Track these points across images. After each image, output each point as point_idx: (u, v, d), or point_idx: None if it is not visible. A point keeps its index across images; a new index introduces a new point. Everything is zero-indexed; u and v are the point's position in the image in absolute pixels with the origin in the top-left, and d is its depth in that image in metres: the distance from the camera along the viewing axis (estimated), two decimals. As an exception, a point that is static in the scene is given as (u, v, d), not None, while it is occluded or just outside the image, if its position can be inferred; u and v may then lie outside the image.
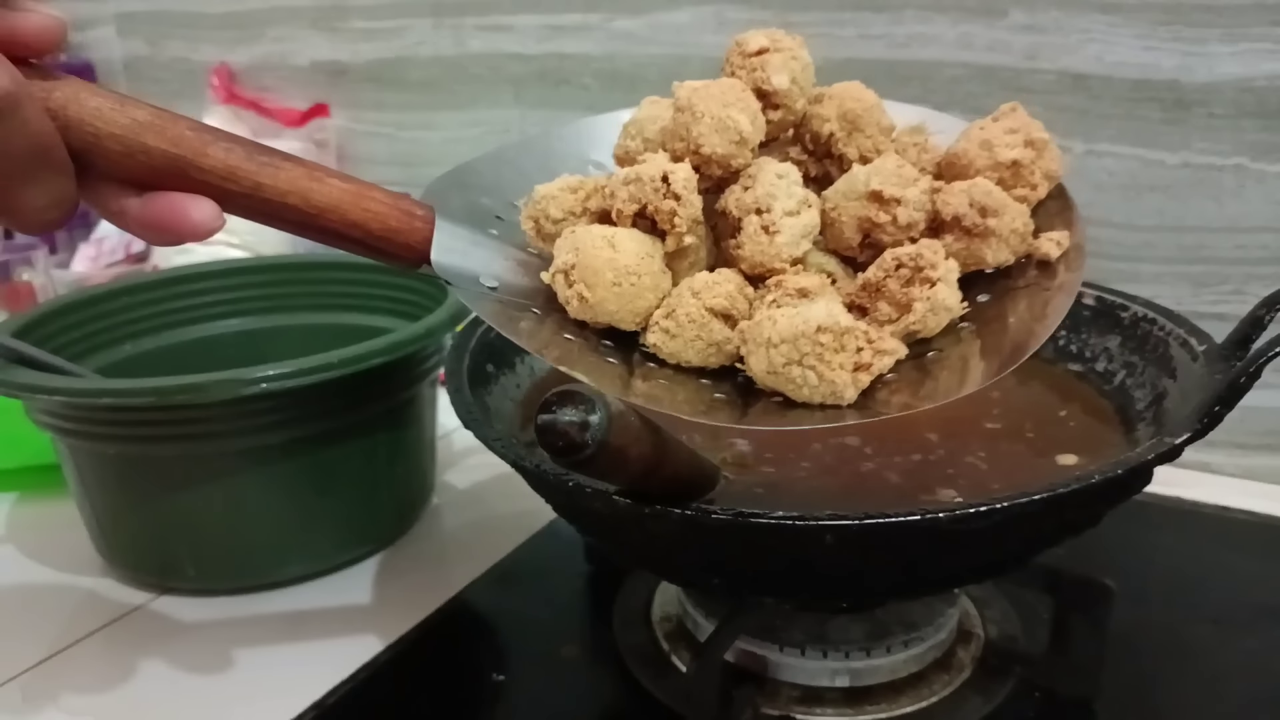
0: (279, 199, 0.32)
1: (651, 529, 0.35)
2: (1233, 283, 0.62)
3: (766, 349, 0.33)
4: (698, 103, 0.36)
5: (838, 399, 0.33)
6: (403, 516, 0.59)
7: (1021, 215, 0.37)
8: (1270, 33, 0.58)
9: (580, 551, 0.55)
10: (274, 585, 0.54)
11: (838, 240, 0.37)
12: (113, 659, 0.49)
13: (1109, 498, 0.37)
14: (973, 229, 0.36)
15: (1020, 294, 0.37)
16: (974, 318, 0.37)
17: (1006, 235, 0.36)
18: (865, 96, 0.39)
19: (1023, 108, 0.39)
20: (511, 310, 0.36)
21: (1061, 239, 0.38)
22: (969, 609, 0.49)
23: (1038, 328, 0.35)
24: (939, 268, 0.35)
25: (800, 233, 0.36)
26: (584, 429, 0.26)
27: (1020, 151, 0.38)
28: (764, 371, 0.34)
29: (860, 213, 0.36)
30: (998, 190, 0.37)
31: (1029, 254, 0.38)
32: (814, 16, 0.72)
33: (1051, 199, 0.39)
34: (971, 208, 0.36)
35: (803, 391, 0.33)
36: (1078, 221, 0.38)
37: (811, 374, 0.33)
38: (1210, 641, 0.48)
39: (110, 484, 0.53)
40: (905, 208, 0.36)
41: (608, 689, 0.46)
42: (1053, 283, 0.37)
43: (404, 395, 0.55)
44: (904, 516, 0.32)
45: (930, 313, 0.35)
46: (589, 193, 0.38)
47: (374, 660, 0.48)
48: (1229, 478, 0.65)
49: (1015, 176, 0.38)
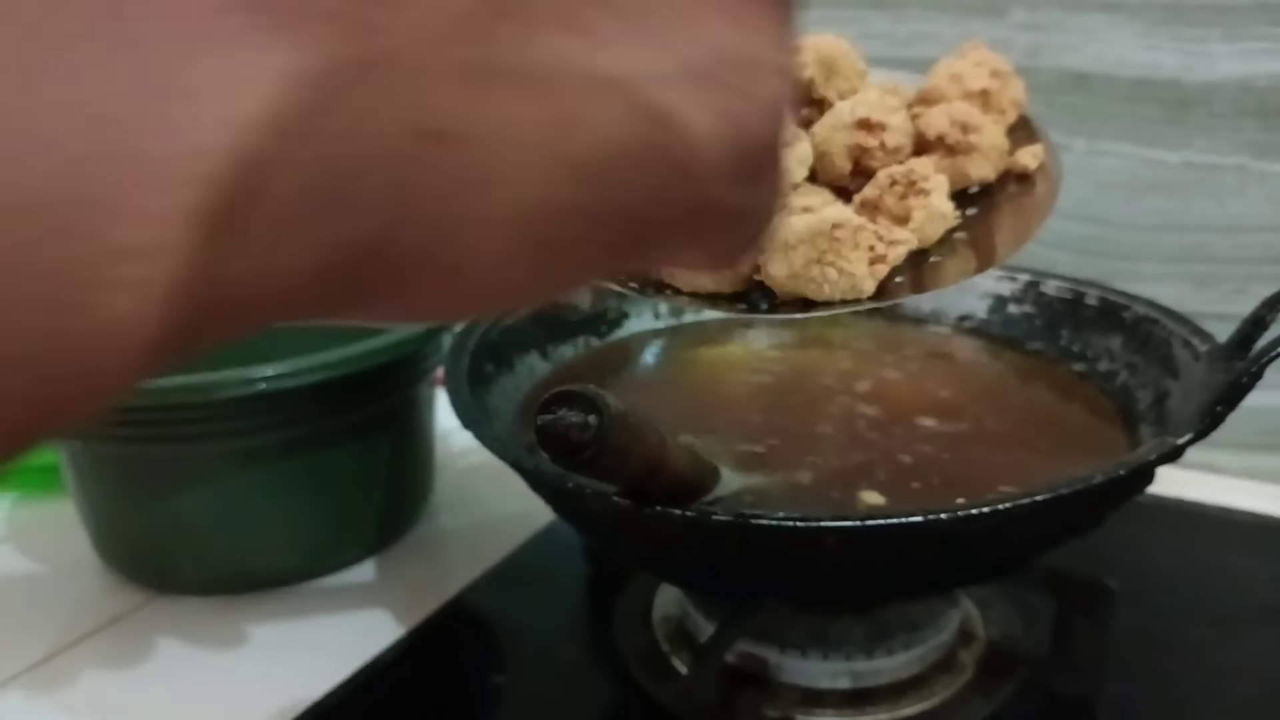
0: None
1: (652, 530, 0.35)
2: (1234, 282, 0.62)
3: (785, 252, 0.34)
4: None
5: (858, 292, 0.35)
6: (402, 517, 0.59)
7: (998, 132, 0.40)
8: (1271, 32, 0.58)
9: (580, 553, 0.55)
10: (273, 586, 0.54)
11: (829, 171, 0.39)
12: (112, 659, 0.49)
13: (1111, 498, 0.37)
14: (956, 146, 0.39)
15: (1004, 204, 0.39)
16: (965, 228, 0.39)
17: (986, 150, 0.39)
18: (839, 43, 0.42)
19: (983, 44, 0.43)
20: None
21: (1036, 151, 0.40)
22: (970, 610, 0.49)
23: (1026, 227, 0.38)
24: (930, 179, 0.37)
25: (795, 160, 0.38)
26: (584, 430, 0.26)
27: (988, 81, 0.41)
28: (785, 276, 0.35)
29: (849, 141, 0.38)
30: (975, 110, 0.40)
31: (1008, 170, 0.40)
32: (815, 15, 0.71)
33: (1018, 128, 0.42)
34: (952, 126, 0.39)
35: (824, 289, 0.35)
36: (1047, 140, 0.41)
37: (831, 270, 0.34)
38: (1213, 642, 0.48)
39: (109, 484, 0.52)
40: (891, 132, 0.38)
41: (608, 691, 0.46)
42: (1034, 190, 0.39)
43: (403, 395, 0.55)
44: (906, 518, 0.32)
45: (928, 220, 0.36)
46: None
47: (373, 661, 0.48)
48: (1232, 478, 0.64)
49: (985, 104, 0.41)
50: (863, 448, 0.44)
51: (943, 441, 0.44)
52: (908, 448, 0.44)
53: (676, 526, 0.33)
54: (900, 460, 0.43)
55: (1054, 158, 0.40)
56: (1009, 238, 0.37)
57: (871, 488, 0.40)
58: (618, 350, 0.54)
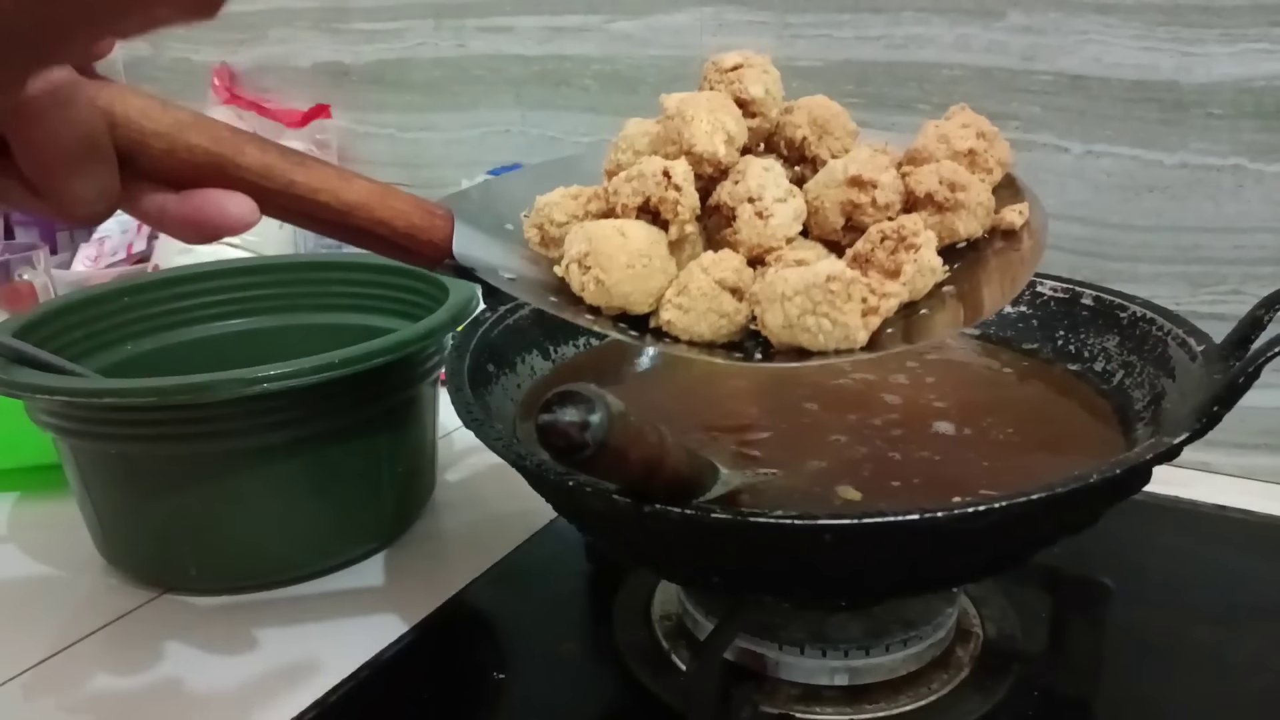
0: (311, 196, 0.33)
1: (651, 528, 0.35)
2: (1231, 283, 0.63)
3: (781, 303, 0.35)
4: (687, 109, 0.39)
5: (851, 342, 0.35)
6: (404, 516, 0.60)
7: (985, 191, 0.41)
8: (1268, 33, 0.59)
9: (580, 550, 0.56)
10: (275, 584, 0.54)
11: (822, 226, 0.40)
12: (114, 658, 0.49)
13: (1107, 497, 0.37)
14: (944, 203, 0.40)
15: (991, 259, 0.40)
16: (953, 281, 0.39)
17: (973, 207, 0.40)
18: (831, 105, 0.43)
19: (970, 108, 0.44)
20: (535, 295, 0.38)
21: (1022, 209, 0.42)
22: (968, 608, 0.49)
23: (1013, 282, 0.39)
24: (920, 235, 0.38)
25: (791, 215, 0.39)
26: (584, 429, 0.26)
27: (974, 142, 0.42)
28: (780, 326, 0.36)
29: (841, 197, 0.39)
30: (962, 169, 0.41)
31: (994, 227, 0.42)
32: (812, 18, 0.72)
33: (1003, 186, 0.43)
34: (941, 184, 0.40)
35: (818, 339, 0.35)
36: (1032, 200, 0.42)
37: (826, 320, 0.35)
38: (1208, 640, 0.48)
39: (111, 484, 0.53)
40: (882, 189, 0.39)
41: (608, 687, 0.47)
42: (1021, 245, 0.41)
43: (405, 395, 0.55)
44: (903, 516, 0.32)
45: (918, 274, 0.37)
46: (588, 198, 0.40)
47: (375, 659, 0.48)
48: (1228, 477, 0.65)
49: (972, 164, 0.42)
50: (861, 447, 0.44)
51: (939, 441, 0.45)
52: (901, 447, 0.44)
53: (676, 524, 0.33)
54: (890, 457, 0.43)
55: (1039, 215, 0.42)
56: (996, 291, 0.39)
57: (850, 484, 0.41)
58: (618, 350, 0.55)
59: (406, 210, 0.35)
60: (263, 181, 0.32)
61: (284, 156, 0.32)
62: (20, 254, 0.80)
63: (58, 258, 1.02)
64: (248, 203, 0.31)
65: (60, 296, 0.64)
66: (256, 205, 0.31)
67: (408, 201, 0.36)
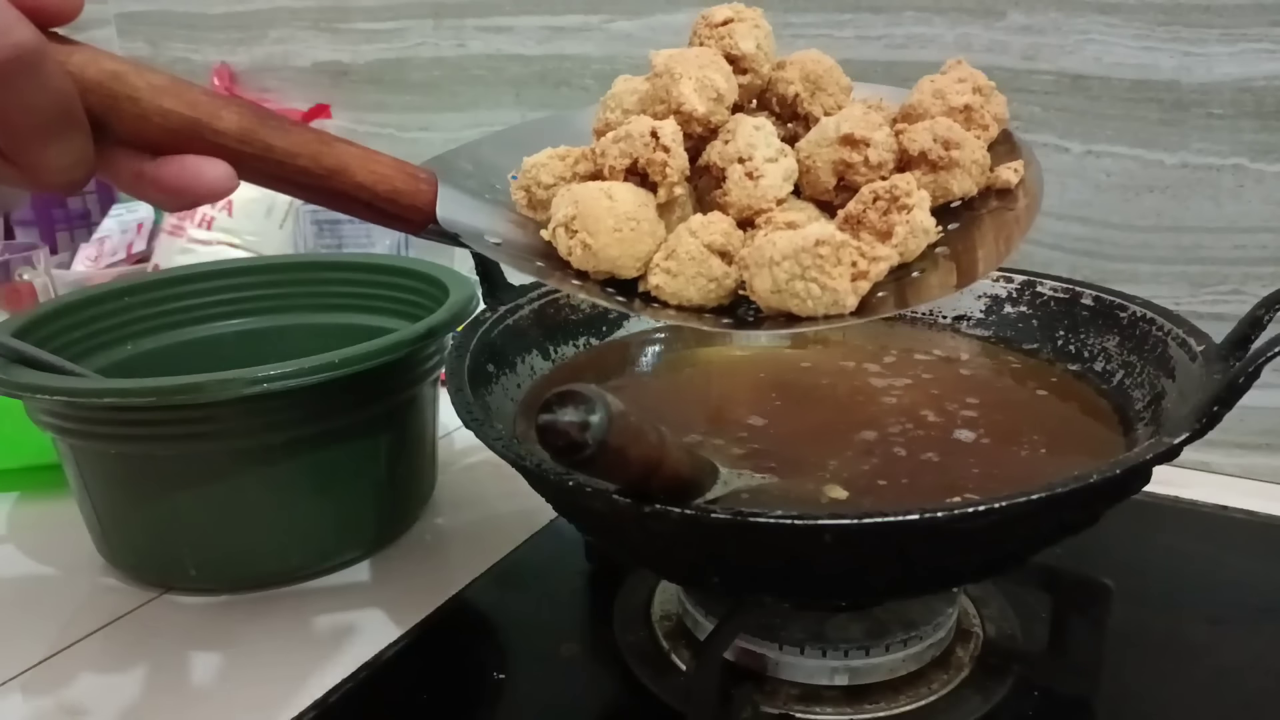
0: (289, 160, 0.32)
1: (651, 528, 0.35)
2: (1231, 283, 0.63)
3: (770, 268, 0.35)
4: (675, 66, 0.38)
5: (840, 308, 0.35)
6: (403, 516, 0.59)
7: (980, 148, 0.40)
8: (1269, 33, 0.59)
9: (580, 550, 0.56)
10: (275, 585, 0.54)
11: (814, 186, 0.39)
12: (113, 659, 0.49)
13: (1107, 497, 0.37)
14: (938, 161, 0.39)
15: (985, 219, 0.40)
16: (947, 242, 0.39)
17: (968, 165, 0.39)
18: (824, 59, 0.42)
19: (966, 62, 0.43)
20: (520, 260, 0.37)
21: (1018, 166, 0.41)
22: (968, 608, 0.49)
23: (1008, 242, 0.38)
24: (913, 195, 0.37)
25: (782, 176, 0.38)
26: (584, 429, 0.26)
27: (970, 97, 0.41)
28: (768, 291, 0.35)
29: (833, 156, 0.39)
30: (957, 126, 0.40)
31: (989, 185, 0.41)
32: (812, 18, 0.72)
33: (1000, 143, 0.42)
34: (935, 142, 0.39)
35: (807, 305, 0.35)
36: (1028, 155, 0.41)
37: (814, 285, 0.34)
38: (1208, 640, 0.48)
39: (111, 484, 0.53)
40: (875, 148, 0.38)
41: (608, 687, 0.47)
42: (1016, 205, 0.40)
43: (405, 395, 0.55)
44: (902, 516, 0.32)
45: (910, 235, 0.37)
46: (576, 159, 0.40)
47: (375, 659, 0.48)
48: (1228, 477, 0.65)
49: (968, 120, 0.41)
50: (862, 448, 0.44)
51: (937, 442, 0.45)
52: (902, 447, 0.44)
53: (676, 524, 0.33)
54: (891, 457, 0.43)
55: (1035, 172, 0.41)
56: (991, 252, 0.38)
57: (838, 483, 0.41)
58: (618, 350, 0.55)
59: (388, 174, 0.35)
60: (240, 146, 0.31)
61: (263, 121, 0.32)
62: (20, 254, 0.80)
63: (58, 258, 1.02)
64: (225, 168, 0.30)
65: (60, 296, 0.64)
66: (234, 171, 0.31)
67: (390, 165, 0.35)
